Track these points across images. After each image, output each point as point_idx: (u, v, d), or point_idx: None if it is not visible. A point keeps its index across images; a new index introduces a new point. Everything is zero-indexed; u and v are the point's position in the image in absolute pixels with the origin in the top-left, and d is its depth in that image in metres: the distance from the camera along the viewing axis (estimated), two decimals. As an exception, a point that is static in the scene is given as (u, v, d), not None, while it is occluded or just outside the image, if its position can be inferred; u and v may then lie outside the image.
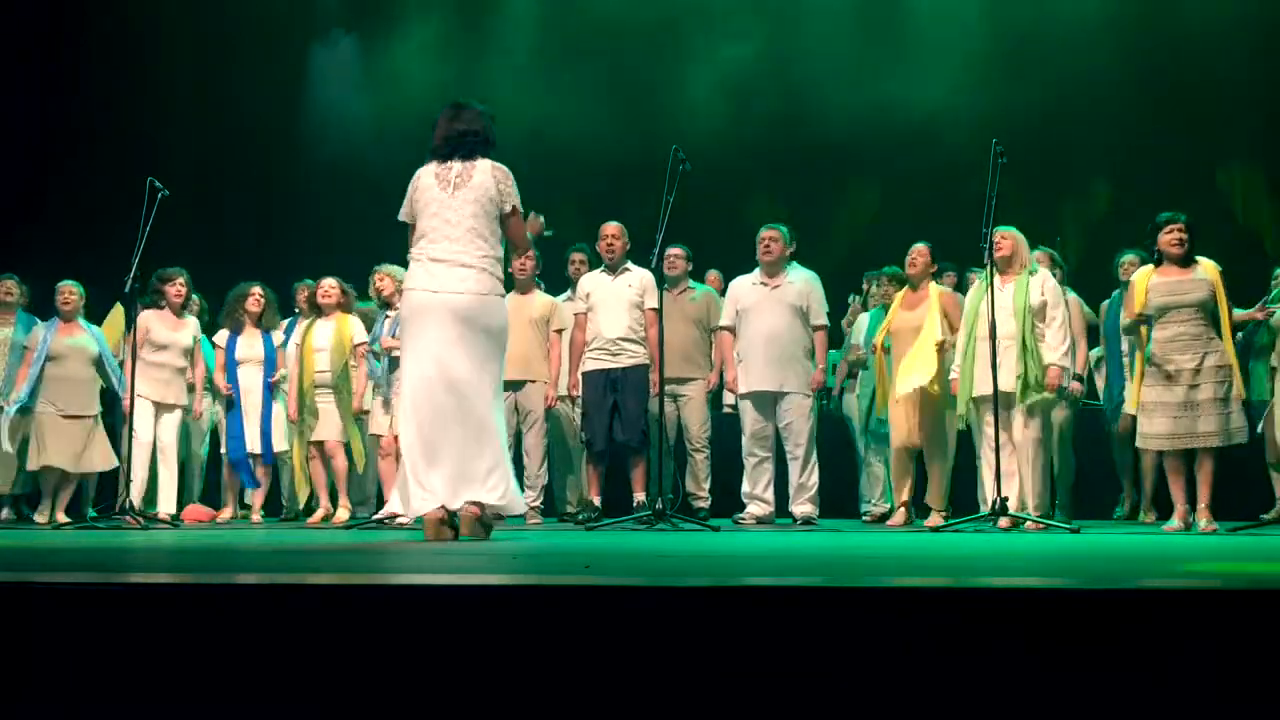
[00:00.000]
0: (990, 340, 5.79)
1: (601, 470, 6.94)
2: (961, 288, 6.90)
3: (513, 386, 6.49)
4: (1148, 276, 5.95)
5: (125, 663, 1.80)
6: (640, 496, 6.72)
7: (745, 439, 6.77)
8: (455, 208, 4.41)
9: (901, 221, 8.54)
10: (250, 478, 7.57)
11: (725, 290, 7.12)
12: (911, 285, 6.58)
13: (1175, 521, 5.84)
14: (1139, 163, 9.33)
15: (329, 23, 11.18)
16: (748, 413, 6.76)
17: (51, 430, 7.11)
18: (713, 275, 8.11)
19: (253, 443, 7.51)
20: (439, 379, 4.30)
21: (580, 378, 6.95)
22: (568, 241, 7.85)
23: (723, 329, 6.93)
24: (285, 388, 7.49)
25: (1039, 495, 5.99)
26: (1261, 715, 1.68)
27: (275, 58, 10.83)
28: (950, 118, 9.50)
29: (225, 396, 7.62)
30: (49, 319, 7.35)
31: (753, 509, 6.69)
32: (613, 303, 6.88)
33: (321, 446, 7.24)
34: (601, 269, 7.05)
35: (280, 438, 7.53)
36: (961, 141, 9.01)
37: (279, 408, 7.53)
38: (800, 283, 6.78)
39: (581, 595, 1.90)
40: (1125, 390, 6.58)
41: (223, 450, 7.73)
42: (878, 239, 8.81)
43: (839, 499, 7.49)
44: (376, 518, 6.29)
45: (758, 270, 6.84)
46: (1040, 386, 5.94)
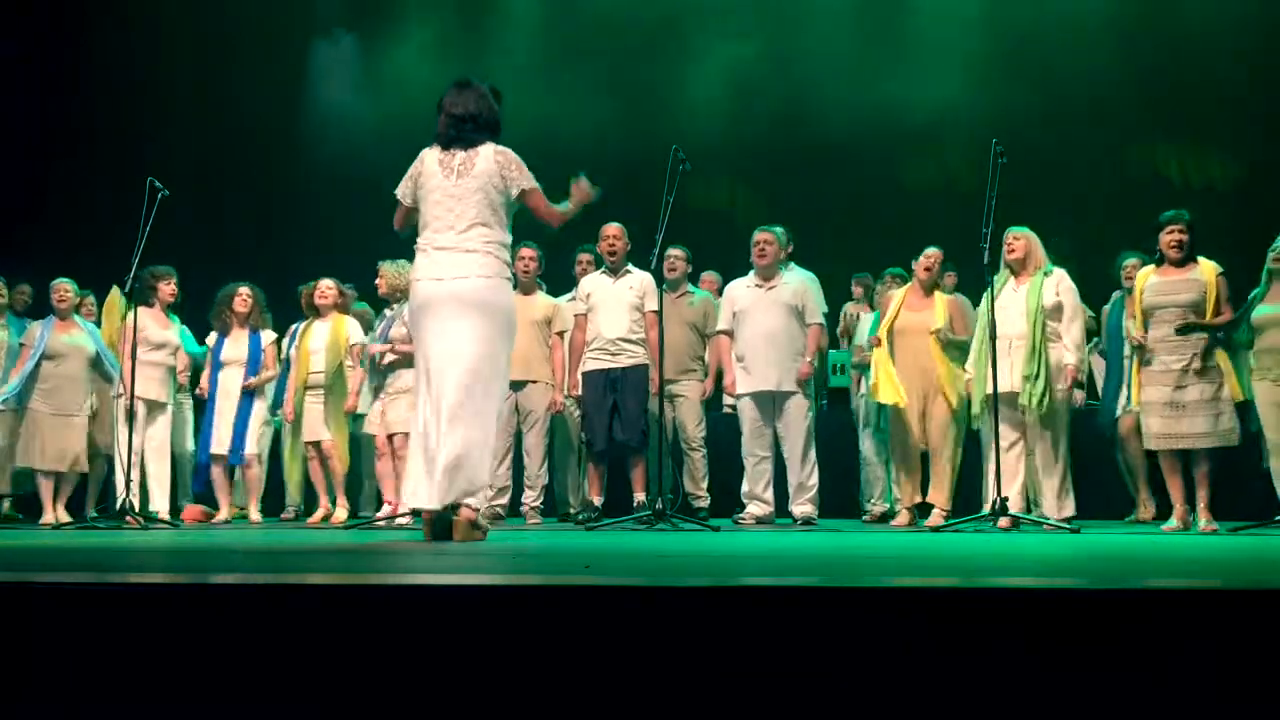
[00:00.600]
0: (990, 340, 5.79)
1: (602, 470, 6.94)
2: (962, 288, 6.89)
3: (514, 387, 6.48)
4: (1147, 276, 5.97)
5: (125, 663, 1.80)
6: (640, 496, 6.72)
7: (745, 439, 6.76)
8: (459, 195, 4.39)
9: (902, 222, 8.55)
10: (199, 483, 7.48)
11: (721, 292, 7.12)
12: (924, 288, 6.53)
13: (1174, 521, 5.85)
14: (1139, 163, 9.33)
15: (329, 23, 11.18)
16: (747, 413, 6.75)
17: (41, 429, 7.09)
18: (708, 277, 8.05)
19: (220, 444, 7.36)
20: (449, 370, 4.27)
21: (580, 378, 6.94)
22: (568, 242, 7.83)
23: (720, 334, 6.91)
24: (260, 390, 7.43)
25: (1061, 500, 5.96)
26: (1261, 715, 1.68)
27: (275, 57, 10.83)
28: (950, 118, 9.50)
29: (197, 397, 7.57)
30: (45, 317, 7.32)
31: (752, 509, 6.69)
32: (613, 304, 6.88)
33: (319, 447, 7.24)
34: (602, 270, 7.05)
35: (253, 441, 7.38)
36: (961, 141, 9.01)
37: (259, 408, 7.43)
38: (796, 283, 6.76)
39: (581, 595, 1.90)
40: (1123, 392, 6.59)
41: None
42: (878, 239, 8.80)
43: (839, 499, 7.48)
44: (377, 518, 6.29)
45: (752, 273, 6.83)
46: (1048, 387, 5.92)
